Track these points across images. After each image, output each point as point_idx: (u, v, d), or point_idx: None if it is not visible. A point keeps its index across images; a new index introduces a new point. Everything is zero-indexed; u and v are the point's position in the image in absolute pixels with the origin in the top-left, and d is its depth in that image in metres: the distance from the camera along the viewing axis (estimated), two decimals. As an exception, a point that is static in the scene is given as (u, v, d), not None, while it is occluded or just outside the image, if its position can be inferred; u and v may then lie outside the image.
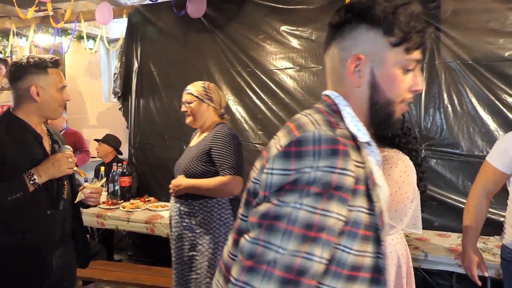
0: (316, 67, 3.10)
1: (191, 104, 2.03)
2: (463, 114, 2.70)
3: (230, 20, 3.35)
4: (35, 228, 1.44)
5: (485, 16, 2.64)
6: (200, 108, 2.03)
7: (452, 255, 2.15)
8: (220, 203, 1.93)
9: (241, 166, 1.93)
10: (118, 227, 2.88)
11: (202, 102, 2.03)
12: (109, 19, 3.57)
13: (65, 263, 1.55)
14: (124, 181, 3.21)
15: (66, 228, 1.57)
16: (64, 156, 1.47)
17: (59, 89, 1.51)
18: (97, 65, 5.68)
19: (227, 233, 1.90)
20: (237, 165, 1.90)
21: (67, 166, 1.47)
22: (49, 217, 1.47)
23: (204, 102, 2.03)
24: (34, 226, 1.45)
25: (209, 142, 1.95)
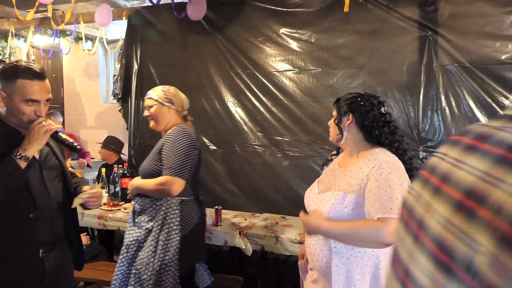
0: (315, 69, 3.13)
1: (152, 108, 2.09)
2: (461, 117, 2.74)
3: (229, 22, 3.37)
4: (17, 231, 1.44)
5: (481, 20, 2.69)
6: (161, 111, 2.09)
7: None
8: (169, 203, 1.96)
9: (186, 168, 1.90)
10: (120, 228, 2.89)
11: (163, 105, 2.09)
12: (108, 21, 3.59)
13: (59, 265, 1.54)
14: (125, 182, 3.22)
15: (56, 231, 1.54)
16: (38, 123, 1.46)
17: (25, 101, 1.44)
18: (95, 66, 5.69)
19: (169, 233, 1.92)
20: (180, 166, 1.89)
21: (44, 129, 1.46)
22: (32, 220, 1.45)
23: (164, 105, 2.09)
24: (17, 230, 1.44)
25: (161, 142, 2.02)
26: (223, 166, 3.43)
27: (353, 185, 1.43)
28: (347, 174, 1.49)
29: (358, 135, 1.53)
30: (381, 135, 1.49)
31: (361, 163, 1.46)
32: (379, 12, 2.94)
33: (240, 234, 2.57)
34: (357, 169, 1.45)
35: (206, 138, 3.49)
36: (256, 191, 3.30)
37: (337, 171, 1.57)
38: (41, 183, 1.50)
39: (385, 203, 1.32)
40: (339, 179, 1.51)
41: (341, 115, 1.57)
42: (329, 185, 1.54)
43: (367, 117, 1.51)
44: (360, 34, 3.00)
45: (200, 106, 3.49)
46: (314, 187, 1.63)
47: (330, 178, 1.58)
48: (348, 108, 1.55)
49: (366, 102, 1.54)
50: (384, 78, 2.93)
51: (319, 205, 1.48)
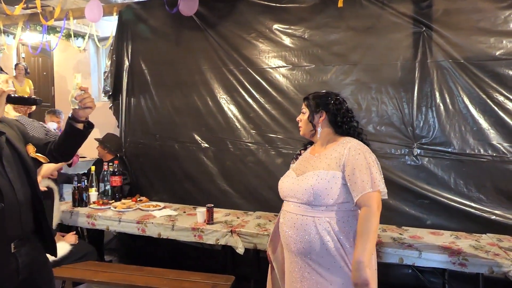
0: (308, 66, 3.09)
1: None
2: (455, 113, 2.72)
3: (222, 18, 3.33)
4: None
5: (476, 16, 2.67)
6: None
7: (445, 253, 2.15)
8: None
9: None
10: (109, 228, 2.83)
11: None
12: (98, 17, 3.52)
13: (32, 260, 1.47)
14: (115, 180, 3.16)
15: (26, 225, 1.45)
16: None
17: None
18: (86, 64, 5.61)
19: None
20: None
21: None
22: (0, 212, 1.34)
23: None
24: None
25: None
26: (216, 164, 3.38)
27: (331, 164, 1.61)
28: (322, 157, 1.66)
29: (329, 129, 1.72)
30: (350, 128, 1.71)
31: (335, 147, 1.66)
32: (373, 8, 2.91)
33: (232, 232, 2.53)
34: (332, 151, 1.65)
35: (198, 135, 3.44)
36: (249, 189, 3.25)
37: (311, 158, 1.72)
38: (2, 174, 1.39)
39: (370, 179, 1.53)
40: (315, 162, 1.67)
41: (314, 112, 1.73)
42: (306, 169, 1.68)
43: (339, 114, 1.71)
44: (354, 30, 2.97)
45: (192, 103, 3.45)
46: (290, 173, 1.75)
47: (305, 165, 1.71)
48: (321, 106, 1.72)
49: (335, 100, 1.73)
50: (378, 75, 2.90)
51: (302, 184, 1.61)
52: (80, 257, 2.57)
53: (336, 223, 1.56)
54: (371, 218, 1.49)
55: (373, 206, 1.50)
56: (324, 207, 1.57)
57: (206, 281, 2.33)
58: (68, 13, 3.85)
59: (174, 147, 3.51)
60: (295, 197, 1.64)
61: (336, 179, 1.57)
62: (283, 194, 1.72)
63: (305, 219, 1.59)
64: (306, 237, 1.58)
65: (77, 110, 1.48)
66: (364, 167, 1.54)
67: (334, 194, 1.57)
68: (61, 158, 1.62)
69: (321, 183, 1.57)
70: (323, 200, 1.57)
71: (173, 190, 3.49)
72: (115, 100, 3.78)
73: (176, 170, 3.49)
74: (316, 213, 1.58)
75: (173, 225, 2.66)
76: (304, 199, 1.60)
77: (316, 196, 1.57)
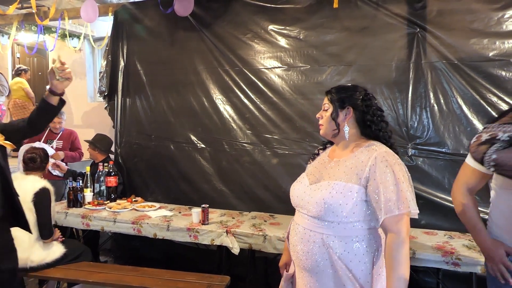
0: (304, 66, 3.10)
1: None
2: (449, 113, 2.73)
3: (217, 18, 3.33)
4: None
5: (469, 17, 2.68)
6: None
7: (438, 253, 2.17)
8: None
9: None
10: (104, 228, 2.83)
11: None
12: (94, 17, 3.51)
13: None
14: (110, 181, 3.16)
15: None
16: None
17: None
18: (82, 64, 5.59)
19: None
20: None
21: None
22: None
23: None
24: None
25: None
26: (211, 164, 3.38)
27: (351, 174, 1.37)
28: (342, 164, 1.43)
29: (355, 129, 1.48)
30: (380, 130, 1.47)
31: (359, 154, 1.41)
32: (367, 9, 2.92)
33: (227, 233, 2.53)
34: (354, 159, 1.41)
35: (194, 136, 3.44)
36: (245, 189, 3.26)
37: (329, 163, 1.50)
38: None
39: (397, 198, 1.29)
40: (332, 169, 1.45)
41: (338, 108, 1.48)
42: (321, 176, 1.48)
43: (368, 112, 1.46)
44: (349, 31, 2.98)
45: (188, 103, 3.45)
46: (303, 179, 1.54)
47: (321, 170, 1.50)
48: (348, 102, 1.47)
49: (364, 96, 1.49)
50: (373, 75, 2.91)
51: (313, 195, 1.41)
52: (74, 257, 2.56)
53: (349, 243, 1.35)
54: (401, 247, 1.28)
55: (401, 232, 1.28)
56: (336, 223, 1.36)
57: (201, 281, 2.33)
58: (63, 13, 3.84)
59: (170, 148, 3.51)
60: (305, 208, 1.43)
61: (353, 194, 1.35)
62: (294, 203, 1.52)
63: (313, 235, 1.39)
64: (313, 256, 1.39)
65: (56, 83, 1.62)
66: (391, 183, 1.30)
67: (349, 210, 1.35)
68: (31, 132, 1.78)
69: (335, 196, 1.35)
70: (335, 216, 1.35)
71: (169, 190, 3.49)
72: (110, 100, 3.77)
73: (172, 171, 3.49)
74: (325, 230, 1.37)
75: (168, 225, 2.66)
76: (314, 213, 1.39)
77: (328, 211, 1.35)
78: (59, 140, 3.77)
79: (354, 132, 1.48)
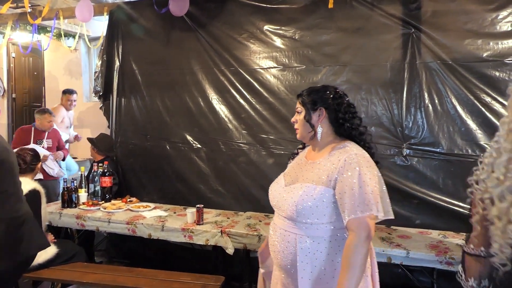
0: (299, 67, 3.10)
1: None
2: (443, 114, 2.75)
3: (213, 18, 3.33)
4: None
5: (463, 18, 2.70)
6: None
7: (433, 252, 2.18)
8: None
9: None
10: (99, 228, 2.82)
11: None
12: (89, 17, 3.50)
13: None
14: (105, 181, 3.15)
15: None
16: None
17: None
18: (77, 64, 5.57)
19: None
20: None
21: None
22: None
23: None
24: None
25: None
26: (208, 164, 3.38)
27: (322, 177, 1.40)
28: (315, 166, 1.45)
29: (329, 129, 1.49)
30: (352, 127, 1.47)
31: (331, 156, 1.43)
32: (363, 9, 2.93)
33: (222, 233, 2.53)
34: (326, 161, 1.43)
35: (190, 136, 3.43)
36: (241, 190, 3.26)
37: (305, 164, 1.52)
38: None
39: (361, 201, 1.31)
40: (307, 171, 1.47)
41: (311, 110, 1.49)
42: (296, 177, 1.50)
43: (340, 110, 1.47)
44: (344, 31, 2.99)
45: (184, 103, 3.44)
46: (280, 180, 1.57)
47: (297, 171, 1.53)
48: (319, 103, 1.48)
49: (335, 94, 1.50)
50: (368, 76, 2.92)
51: (287, 197, 1.44)
52: (68, 258, 2.55)
53: (322, 242, 1.38)
54: (357, 249, 1.28)
55: (361, 234, 1.29)
56: (309, 224, 1.38)
57: (196, 281, 2.33)
58: (58, 12, 3.83)
59: (166, 148, 3.50)
60: (281, 209, 1.46)
61: (324, 196, 1.37)
62: (271, 203, 1.55)
63: (287, 235, 1.42)
64: (288, 255, 1.42)
65: None
66: (356, 185, 1.31)
67: (320, 213, 1.37)
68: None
69: (305, 199, 1.38)
70: (307, 218, 1.38)
71: (164, 190, 3.48)
72: (105, 100, 3.76)
73: (168, 171, 3.48)
74: (298, 231, 1.40)
75: (163, 225, 2.66)
76: (287, 214, 1.42)
77: (299, 213, 1.38)
78: (47, 139, 3.81)
79: (329, 132, 1.49)
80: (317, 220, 1.38)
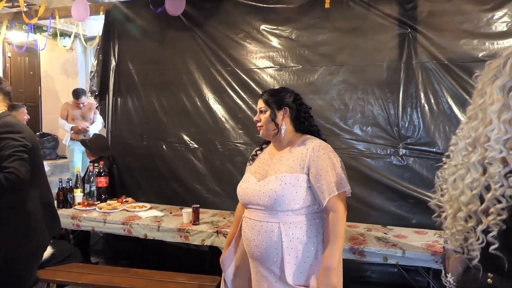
0: (296, 67, 3.10)
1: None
2: (439, 113, 2.75)
3: (209, 18, 3.32)
4: None
5: (459, 18, 2.70)
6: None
7: (428, 252, 2.18)
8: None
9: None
10: (94, 229, 2.81)
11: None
12: (85, 16, 3.49)
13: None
14: (101, 181, 3.13)
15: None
16: None
17: None
18: (73, 64, 5.56)
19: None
20: None
21: None
22: None
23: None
24: None
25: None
26: (204, 164, 3.37)
27: (294, 166, 1.54)
28: (284, 159, 1.60)
29: (291, 127, 1.66)
30: (311, 124, 1.67)
31: (297, 147, 1.60)
32: (359, 9, 2.93)
33: (218, 233, 2.52)
34: (294, 153, 1.58)
35: (186, 136, 3.42)
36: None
37: (270, 160, 1.65)
38: None
39: (336, 180, 1.49)
40: (276, 165, 1.60)
41: (276, 110, 1.64)
42: (266, 172, 1.61)
43: (301, 110, 1.66)
44: (341, 31, 2.99)
45: (181, 103, 3.43)
46: (249, 178, 1.66)
47: (265, 167, 1.64)
48: (283, 103, 1.64)
49: (295, 96, 1.68)
50: (365, 75, 2.92)
51: (263, 190, 1.54)
52: (63, 259, 2.53)
53: (303, 227, 1.52)
54: (339, 222, 1.48)
55: (340, 210, 1.49)
56: (290, 211, 1.52)
57: (192, 282, 2.32)
58: (53, 12, 3.81)
59: (162, 148, 3.49)
60: (257, 204, 1.56)
61: (300, 182, 1.52)
62: (244, 201, 1.64)
63: (270, 225, 1.53)
64: (271, 245, 1.52)
65: None
66: (329, 167, 1.50)
67: (299, 198, 1.51)
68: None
69: (285, 188, 1.51)
70: (288, 205, 1.51)
71: (161, 190, 3.47)
72: (101, 100, 3.74)
73: (164, 171, 3.47)
74: (280, 219, 1.52)
75: (159, 226, 2.65)
76: (268, 205, 1.53)
77: (281, 201, 1.51)
78: None
79: (291, 129, 1.66)
80: (298, 205, 1.51)
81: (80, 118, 4.82)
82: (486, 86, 0.97)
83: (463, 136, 1.00)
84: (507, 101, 0.91)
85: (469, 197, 0.94)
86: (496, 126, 0.90)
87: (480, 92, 1.00)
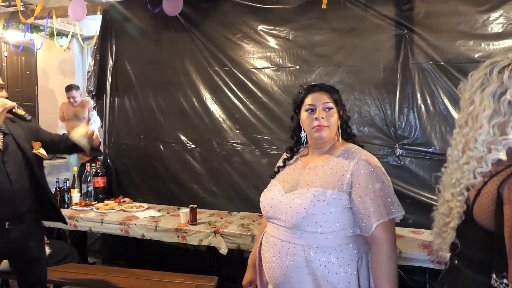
0: (293, 67, 3.11)
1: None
2: (436, 114, 2.76)
3: (207, 18, 3.32)
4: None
5: (456, 19, 2.71)
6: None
7: (425, 251, 2.19)
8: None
9: None
10: (92, 229, 2.80)
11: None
12: (82, 16, 3.48)
13: (23, 236, 1.83)
14: (98, 181, 3.13)
15: (21, 208, 1.78)
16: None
17: None
18: (70, 63, 5.55)
19: None
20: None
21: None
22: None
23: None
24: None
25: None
26: (202, 164, 3.37)
27: (332, 181, 1.28)
28: (320, 170, 1.33)
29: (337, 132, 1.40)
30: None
31: (338, 159, 1.32)
32: (356, 10, 2.94)
33: (215, 233, 2.53)
34: (333, 164, 1.31)
35: (184, 136, 3.42)
36: (235, 190, 3.26)
37: (303, 168, 1.40)
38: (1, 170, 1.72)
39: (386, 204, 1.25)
40: (309, 176, 1.34)
41: (340, 110, 1.38)
42: (296, 183, 1.36)
43: (345, 113, 1.42)
44: (338, 31, 3.00)
45: (178, 104, 3.43)
46: (275, 187, 1.41)
47: (296, 177, 1.38)
48: (342, 102, 1.40)
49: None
50: (362, 76, 2.93)
51: (291, 205, 1.29)
52: (60, 259, 2.53)
53: (332, 254, 1.24)
54: (392, 256, 1.21)
55: (390, 240, 1.22)
56: (318, 233, 1.24)
57: (189, 282, 2.33)
58: (50, 11, 3.80)
59: (159, 148, 3.49)
60: (281, 219, 1.30)
61: (337, 201, 1.24)
62: (267, 214, 1.38)
63: (292, 247, 1.26)
64: (293, 271, 1.26)
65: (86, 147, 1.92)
66: (378, 188, 1.23)
67: (333, 220, 1.24)
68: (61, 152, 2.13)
69: (317, 205, 1.24)
70: (318, 226, 1.24)
71: (158, 191, 3.47)
72: (99, 100, 3.74)
73: (161, 171, 3.47)
74: (306, 241, 1.25)
75: (156, 226, 2.65)
76: (294, 223, 1.26)
77: (310, 220, 1.24)
78: None
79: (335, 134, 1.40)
80: (329, 228, 1.24)
81: (73, 117, 4.73)
82: (475, 95, 1.03)
83: (455, 145, 1.08)
84: (497, 106, 0.97)
85: (450, 195, 1.03)
86: (485, 130, 0.97)
87: (468, 101, 1.05)
